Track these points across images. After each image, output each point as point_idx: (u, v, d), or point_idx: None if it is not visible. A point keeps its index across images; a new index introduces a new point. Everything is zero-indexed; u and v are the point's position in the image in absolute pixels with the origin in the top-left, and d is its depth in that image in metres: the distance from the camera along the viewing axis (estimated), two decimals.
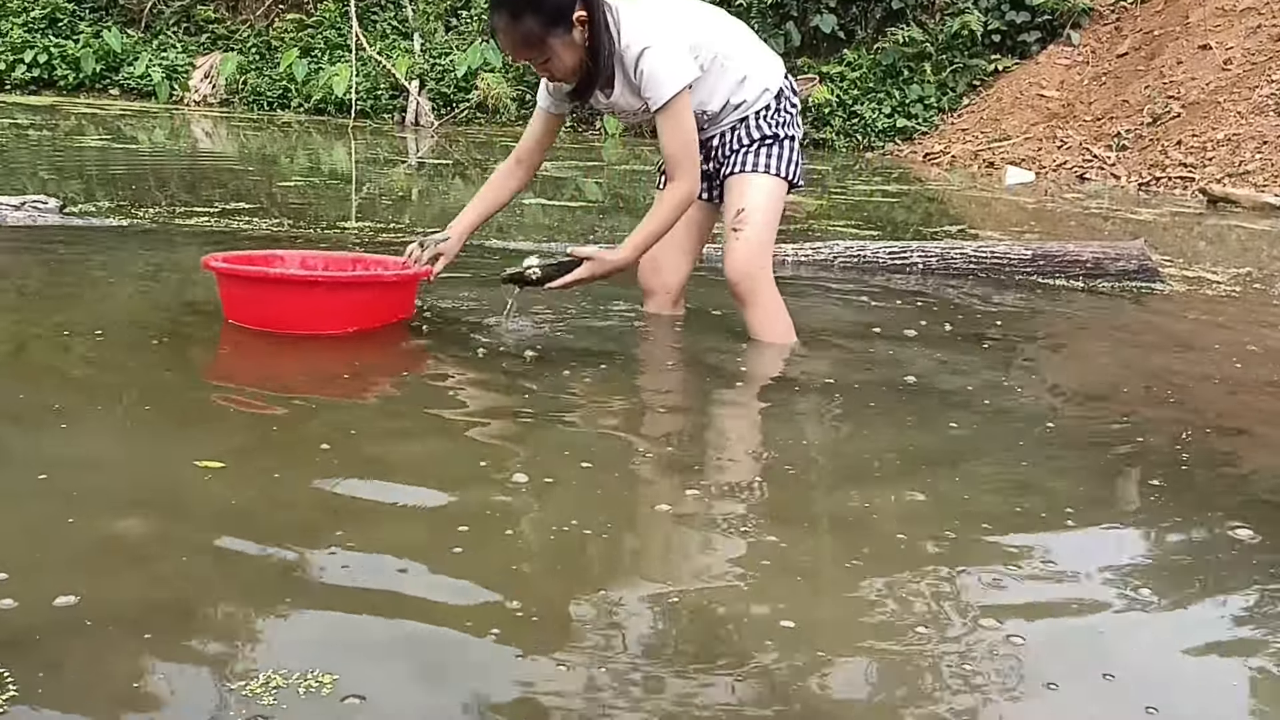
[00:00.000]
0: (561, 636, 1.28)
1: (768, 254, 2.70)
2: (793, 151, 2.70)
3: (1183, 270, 4.48)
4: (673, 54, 2.49)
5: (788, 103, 2.71)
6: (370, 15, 13.31)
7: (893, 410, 2.28)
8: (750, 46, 2.70)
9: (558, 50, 2.44)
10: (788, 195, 2.77)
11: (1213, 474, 2.03)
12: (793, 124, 2.72)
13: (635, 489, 1.78)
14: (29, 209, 4.00)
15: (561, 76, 2.53)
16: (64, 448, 1.79)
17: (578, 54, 2.46)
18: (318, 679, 1.15)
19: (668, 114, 2.50)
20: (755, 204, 2.65)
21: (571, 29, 2.42)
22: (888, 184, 8.29)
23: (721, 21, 2.71)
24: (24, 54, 12.71)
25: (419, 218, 5.10)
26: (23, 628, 1.22)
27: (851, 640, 1.32)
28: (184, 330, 2.61)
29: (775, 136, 2.66)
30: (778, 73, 2.71)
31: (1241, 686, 1.29)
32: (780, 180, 2.68)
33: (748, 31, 2.76)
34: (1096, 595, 1.48)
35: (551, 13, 2.40)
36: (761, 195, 2.66)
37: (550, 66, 2.49)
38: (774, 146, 2.66)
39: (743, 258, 2.63)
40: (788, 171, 2.68)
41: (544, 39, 2.42)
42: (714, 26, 2.66)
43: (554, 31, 2.41)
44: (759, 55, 2.70)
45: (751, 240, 2.64)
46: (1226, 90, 9.49)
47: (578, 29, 2.43)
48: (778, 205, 2.70)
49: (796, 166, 2.72)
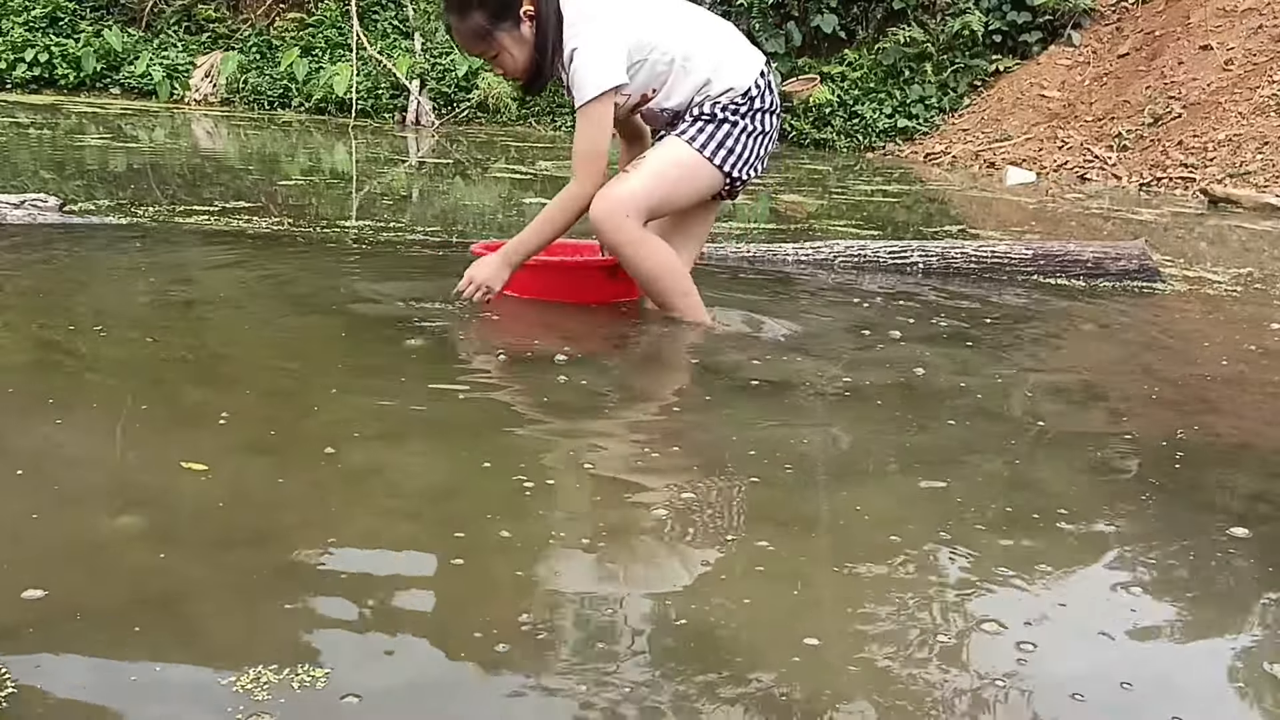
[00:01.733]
0: (561, 638, 1.28)
1: (636, 207, 2.56)
2: (728, 136, 2.61)
3: (1183, 270, 4.48)
4: (600, 57, 2.46)
5: (758, 100, 2.64)
6: (371, 15, 13.31)
7: (891, 410, 2.28)
8: (719, 47, 2.64)
9: (506, 45, 2.49)
10: (731, 194, 2.70)
11: (1210, 473, 2.03)
12: (749, 116, 2.63)
13: (635, 492, 1.78)
14: (29, 207, 3.99)
15: (512, 72, 2.56)
16: (59, 442, 1.79)
17: (527, 49, 2.50)
18: (309, 674, 1.15)
19: (582, 115, 2.50)
20: (653, 157, 2.61)
21: (519, 24, 2.46)
22: (888, 184, 8.28)
23: (689, 21, 2.65)
24: (25, 53, 12.71)
25: (419, 217, 5.10)
26: (10, 624, 1.22)
27: (852, 644, 1.31)
28: (182, 329, 2.61)
29: (713, 116, 2.60)
30: (748, 73, 2.64)
31: (1254, 690, 1.29)
32: (696, 154, 2.59)
33: (722, 31, 2.70)
34: (1096, 596, 1.48)
35: (497, 7, 2.44)
36: (667, 154, 2.61)
37: (500, 61, 2.53)
38: (708, 124, 2.60)
39: (607, 200, 2.56)
40: (713, 153, 2.60)
41: (491, 33, 2.47)
42: (678, 26, 2.61)
43: (501, 26, 2.46)
44: (729, 56, 2.64)
45: (624, 185, 2.57)
46: (1228, 91, 9.49)
47: (525, 24, 2.47)
48: (680, 172, 2.61)
49: (729, 153, 2.61)
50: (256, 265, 3.45)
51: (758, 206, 6.34)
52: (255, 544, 1.46)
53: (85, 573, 1.36)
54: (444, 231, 4.53)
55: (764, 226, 5.52)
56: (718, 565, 1.49)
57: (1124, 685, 1.25)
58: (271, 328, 2.66)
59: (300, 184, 6.35)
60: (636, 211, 2.57)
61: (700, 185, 2.66)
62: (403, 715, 1.12)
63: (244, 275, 3.26)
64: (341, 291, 3.06)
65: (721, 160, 2.61)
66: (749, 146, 2.64)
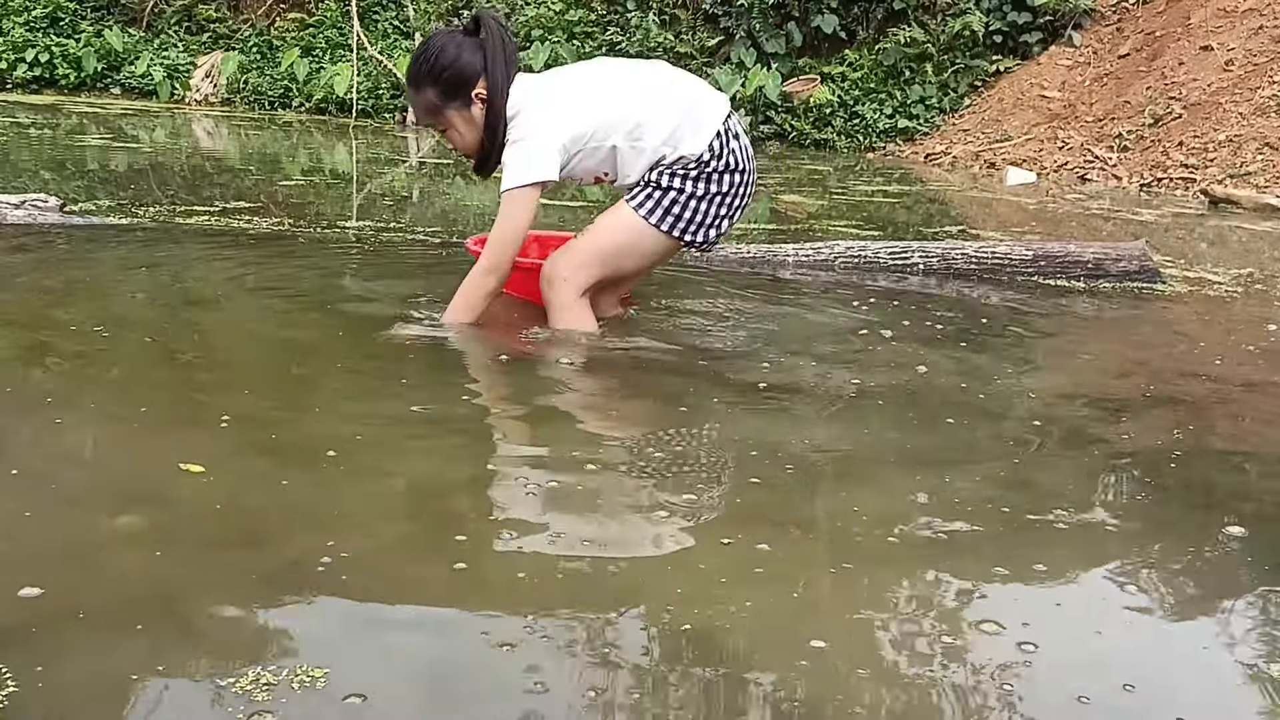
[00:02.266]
0: (559, 640, 1.28)
1: (582, 269, 2.62)
2: (674, 204, 2.58)
3: (1184, 271, 4.48)
4: (531, 153, 2.49)
5: (714, 161, 2.59)
6: (371, 15, 13.30)
7: (890, 410, 2.28)
8: (672, 118, 2.57)
9: (455, 123, 2.58)
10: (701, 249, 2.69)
11: (1209, 474, 2.03)
12: (704, 181, 2.59)
13: (637, 494, 1.78)
14: (29, 208, 3.99)
15: (462, 149, 2.64)
16: (57, 442, 1.79)
17: (476, 131, 2.57)
18: (309, 673, 1.15)
19: (505, 202, 2.53)
20: (602, 223, 2.65)
21: (470, 105, 2.54)
22: (889, 184, 8.28)
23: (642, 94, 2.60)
24: (25, 53, 12.70)
25: (420, 218, 5.10)
26: (10, 624, 1.22)
27: (852, 644, 1.31)
28: (182, 329, 2.61)
29: (658, 184, 2.59)
30: (702, 138, 2.57)
31: (1256, 688, 1.29)
32: (644, 222, 2.59)
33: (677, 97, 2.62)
34: (1096, 596, 1.48)
35: (448, 87, 2.54)
36: (614, 221, 2.63)
37: (450, 137, 2.62)
38: (655, 192, 2.59)
39: (554, 262, 2.65)
40: (660, 221, 2.59)
41: (442, 110, 2.56)
42: (627, 105, 2.57)
43: (452, 105, 2.55)
44: (682, 125, 2.57)
45: (572, 252, 2.64)
46: (1228, 91, 9.48)
47: (477, 105, 2.54)
48: (626, 239, 2.62)
49: (678, 220, 2.59)
50: (257, 265, 3.45)
51: (758, 207, 6.33)
52: (255, 544, 1.47)
53: (84, 572, 1.36)
54: (444, 232, 4.53)
55: (764, 227, 5.52)
56: (718, 567, 1.49)
57: (1126, 686, 1.25)
58: (271, 328, 2.66)
59: (301, 184, 6.35)
60: (576, 278, 2.62)
61: (649, 250, 2.67)
62: (405, 715, 1.12)
63: (244, 275, 3.26)
64: (342, 292, 3.06)
65: (670, 227, 2.60)
66: (703, 210, 2.61)
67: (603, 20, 12.29)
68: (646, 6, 12.15)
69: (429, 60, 2.55)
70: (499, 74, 2.53)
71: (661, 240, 2.64)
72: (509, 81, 2.55)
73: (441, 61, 2.53)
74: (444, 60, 2.53)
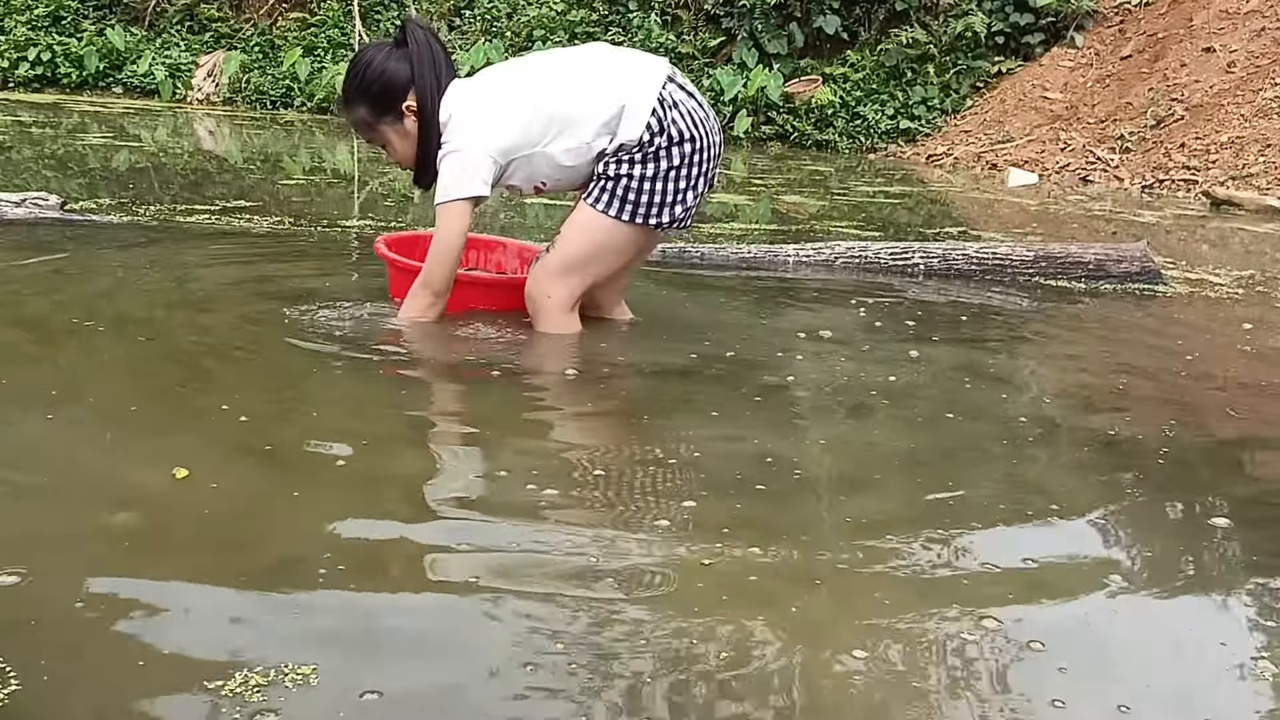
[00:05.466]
0: (557, 642, 1.28)
1: (561, 282, 2.61)
2: (628, 191, 2.52)
3: (1185, 273, 4.47)
4: (462, 166, 2.48)
5: (656, 141, 2.51)
6: (373, 14, 13.31)
7: (888, 410, 2.28)
8: (601, 106, 2.51)
9: (390, 138, 2.59)
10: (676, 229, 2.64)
11: (1207, 474, 2.03)
12: (649, 161, 2.52)
13: (638, 496, 1.78)
14: (30, 206, 3.99)
15: (400, 161, 2.65)
16: (53, 440, 1.78)
17: (411, 144, 2.58)
18: (298, 670, 1.15)
19: (439, 216, 2.53)
20: (564, 233, 2.62)
21: (402, 118, 2.55)
22: (890, 185, 8.28)
23: (569, 94, 2.54)
24: (27, 52, 12.71)
25: (421, 217, 5.10)
26: (10, 624, 1.22)
27: (850, 643, 1.31)
28: (181, 328, 2.61)
29: (607, 174, 2.54)
30: (638, 119, 2.49)
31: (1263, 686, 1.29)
32: (603, 216, 2.55)
33: (606, 82, 2.54)
34: (1094, 595, 1.48)
35: (377, 102, 2.56)
36: (574, 226, 2.61)
37: (389, 151, 2.63)
38: (606, 184, 2.54)
39: (534, 279, 2.65)
40: (618, 211, 2.53)
41: (374, 125, 2.58)
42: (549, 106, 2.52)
43: (384, 119, 2.57)
44: (614, 116, 2.51)
45: (549, 266, 2.62)
46: (1230, 93, 9.48)
47: (409, 118, 2.55)
48: (591, 239, 2.59)
49: (636, 206, 2.53)
50: (257, 264, 3.45)
51: (759, 207, 6.33)
52: (254, 545, 1.46)
53: (74, 570, 1.35)
54: None
55: (765, 227, 5.52)
56: (719, 568, 1.49)
57: (1140, 687, 1.25)
58: (271, 327, 2.65)
59: (302, 183, 6.35)
60: (558, 292, 2.62)
61: (621, 243, 2.61)
62: (408, 716, 1.12)
63: (244, 274, 3.25)
64: (342, 292, 3.06)
65: (630, 215, 2.54)
66: (659, 189, 2.53)
67: (604, 20, 12.29)
68: (648, 7, 12.15)
69: (357, 76, 2.56)
70: (427, 84, 2.52)
71: (629, 231, 2.57)
72: (440, 90, 2.53)
73: (369, 76, 2.54)
74: (371, 75, 2.54)
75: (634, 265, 2.89)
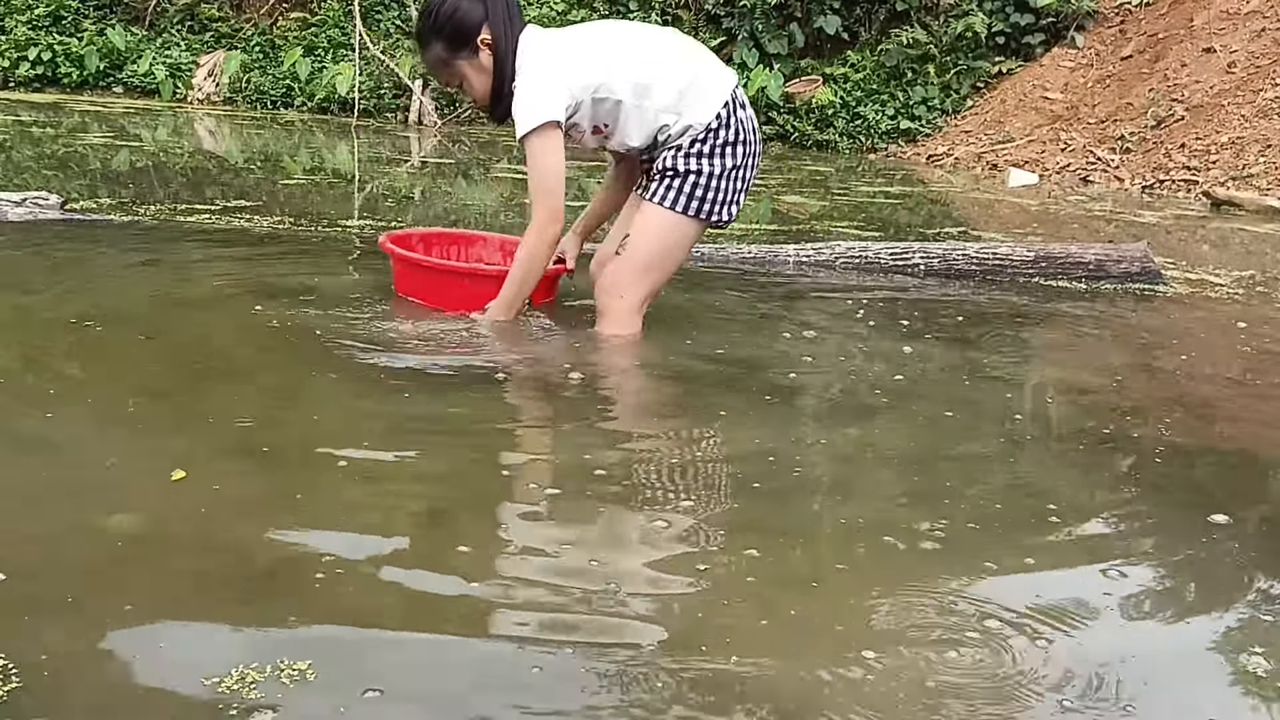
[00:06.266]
0: (556, 643, 1.28)
1: (635, 285, 2.69)
2: (697, 188, 2.61)
3: (1185, 273, 4.47)
4: (535, 93, 2.53)
5: (722, 132, 2.60)
6: (374, 14, 13.31)
7: (888, 409, 2.28)
8: (677, 80, 2.59)
9: (466, 73, 2.64)
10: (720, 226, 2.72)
11: (1206, 475, 2.03)
12: (716, 157, 2.61)
13: (640, 498, 1.78)
14: (30, 205, 4.00)
15: (477, 98, 2.70)
16: (51, 439, 1.79)
17: (486, 77, 2.63)
18: (294, 667, 1.15)
19: (525, 150, 2.57)
20: (638, 236, 2.68)
21: (477, 52, 2.60)
22: (891, 185, 8.28)
23: (643, 53, 2.62)
24: (28, 51, 12.70)
25: (422, 217, 5.10)
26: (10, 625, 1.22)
27: (849, 642, 1.31)
28: (180, 328, 2.61)
29: (676, 171, 2.61)
30: (711, 104, 2.59)
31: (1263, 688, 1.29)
32: (673, 214, 2.63)
33: (681, 59, 2.64)
34: (1094, 594, 1.48)
35: (453, 38, 2.60)
36: (647, 228, 2.66)
37: (464, 88, 2.68)
38: (674, 180, 2.62)
39: (609, 280, 2.71)
40: (685, 207, 2.62)
41: (450, 62, 2.63)
42: (633, 63, 2.59)
43: (460, 55, 2.61)
44: (687, 89, 2.59)
45: (623, 267, 2.68)
46: (1230, 93, 9.47)
47: (484, 52, 2.59)
48: (666, 236, 2.66)
49: (703, 203, 2.63)
50: (257, 264, 3.45)
51: (760, 208, 6.33)
52: (253, 546, 1.46)
53: (79, 573, 1.36)
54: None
55: (766, 228, 5.52)
56: (718, 571, 1.49)
57: (1140, 683, 1.25)
58: (271, 328, 2.66)
59: (302, 183, 6.35)
60: (631, 293, 2.69)
61: (686, 239, 2.71)
62: (408, 713, 1.12)
63: (244, 274, 3.25)
64: (342, 292, 3.06)
65: (696, 211, 2.64)
66: (720, 188, 2.64)
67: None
68: (649, 7, 12.15)
69: (432, 16, 2.62)
70: (500, 18, 2.58)
71: (693, 228, 2.68)
72: (512, 24, 2.60)
73: (443, 14, 2.60)
74: (445, 12, 2.60)
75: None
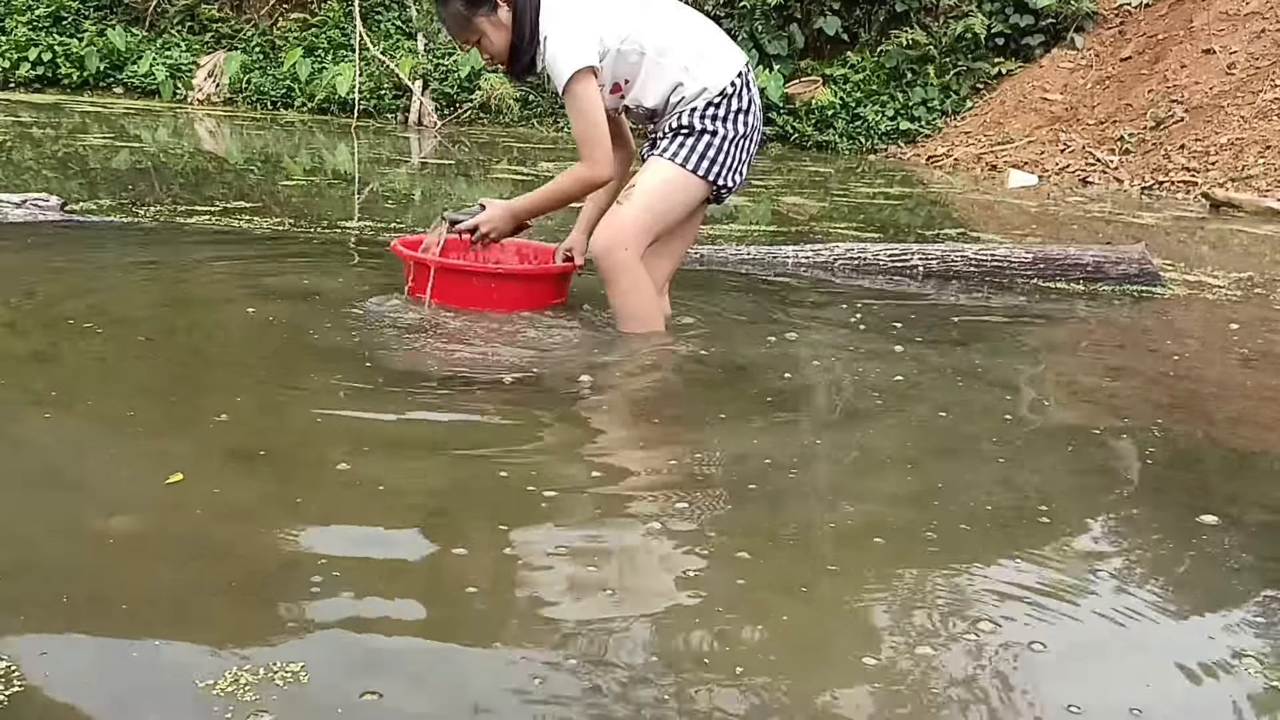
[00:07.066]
0: (555, 649, 1.28)
1: (637, 235, 2.65)
2: (709, 148, 2.64)
3: (1184, 275, 4.48)
4: (567, 40, 2.54)
5: (735, 100, 2.65)
6: (374, 15, 13.31)
7: (884, 411, 2.28)
8: (696, 45, 2.65)
9: (485, 30, 2.62)
10: (718, 199, 2.74)
11: (1203, 474, 2.04)
12: (729, 122, 2.65)
13: (642, 501, 1.78)
14: (30, 206, 4.00)
15: (495, 56, 2.68)
16: (50, 439, 1.79)
17: (505, 34, 2.62)
18: (287, 668, 1.15)
19: (568, 99, 2.57)
20: (643, 184, 2.67)
21: (496, 8, 2.59)
22: (890, 186, 8.28)
23: (668, 18, 2.67)
24: (28, 52, 12.71)
25: (422, 218, 5.10)
26: (10, 626, 1.23)
27: (847, 641, 1.31)
28: (180, 329, 2.61)
29: (692, 128, 2.64)
30: (726, 71, 2.64)
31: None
32: (682, 170, 2.64)
33: (701, 31, 2.71)
34: (1090, 596, 1.49)
35: None
36: (654, 178, 2.66)
37: (484, 46, 2.66)
38: (688, 138, 2.65)
39: (608, 231, 2.65)
40: (696, 166, 2.64)
41: (470, 19, 2.61)
42: (654, 22, 2.64)
43: (479, 11, 2.60)
44: (705, 55, 2.65)
45: (624, 216, 2.65)
46: (1230, 94, 9.48)
47: (503, 8, 2.59)
48: (670, 192, 2.67)
49: (712, 164, 2.65)
50: (257, 266, 3.45)
51: (759, 208, 6.34)
52: (250, 549, 1.47)
53: (78, 573, 1.36)
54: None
55: (765, 228, 5.52)
56: (718, 572, 1.50)
57: (1137, 684, 1.25)
58: (271, 329, 2.66)
59: (302, 184, 6.35)
60: (635, 243, 2.65)
61: (689, 198, 2.71)
62: (405, 717, 1.12)
63: (244, 276, 3.26)
64: (342, 293, 3.06)
65: (705, 171, 2.65)
66: (729, 153, 2.67)
67: None
68: None
69: None
70: None
71: (696, 187, 2.67)
72: None
73: None
74: None
75: (679, 252, 2.93)
